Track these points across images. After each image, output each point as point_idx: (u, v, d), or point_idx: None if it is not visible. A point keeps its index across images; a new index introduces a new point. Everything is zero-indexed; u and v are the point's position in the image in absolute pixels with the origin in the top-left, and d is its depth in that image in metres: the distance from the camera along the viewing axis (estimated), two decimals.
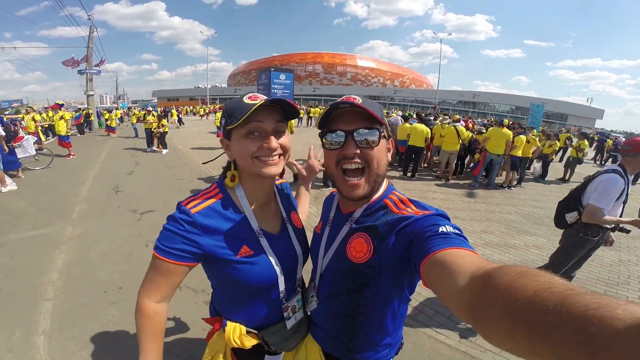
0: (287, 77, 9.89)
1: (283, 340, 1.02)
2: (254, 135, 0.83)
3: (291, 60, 73.46)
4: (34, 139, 7.68)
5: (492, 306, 0.41)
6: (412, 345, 2.32)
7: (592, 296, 0.32)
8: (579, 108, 47.11)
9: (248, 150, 0.83)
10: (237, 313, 0.99)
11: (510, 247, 4.25)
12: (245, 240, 0.90)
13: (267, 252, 0.92)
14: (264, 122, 0.83)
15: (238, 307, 0.99)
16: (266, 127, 0.83)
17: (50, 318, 2.42)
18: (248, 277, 0.90)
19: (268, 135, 0.83)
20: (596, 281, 3.48)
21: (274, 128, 0.85)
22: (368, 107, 0.79)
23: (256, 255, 0.91)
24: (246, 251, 0.89)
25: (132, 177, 7.03)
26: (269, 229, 0.97)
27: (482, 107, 53.64)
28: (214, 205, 0.88)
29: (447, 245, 0.63)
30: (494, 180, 7.61)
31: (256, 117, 0.82)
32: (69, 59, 19.79)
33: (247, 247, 0.89)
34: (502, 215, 5.54)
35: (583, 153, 9.07)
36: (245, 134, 0.83)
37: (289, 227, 1.02)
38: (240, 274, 0.89)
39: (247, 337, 0.98)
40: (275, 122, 0.85)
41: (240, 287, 0.93)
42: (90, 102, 20.33)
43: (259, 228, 0.93)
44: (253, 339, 0.98)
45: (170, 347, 2.18)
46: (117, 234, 3.98)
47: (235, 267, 0.88)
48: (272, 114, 0.85)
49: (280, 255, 0.95)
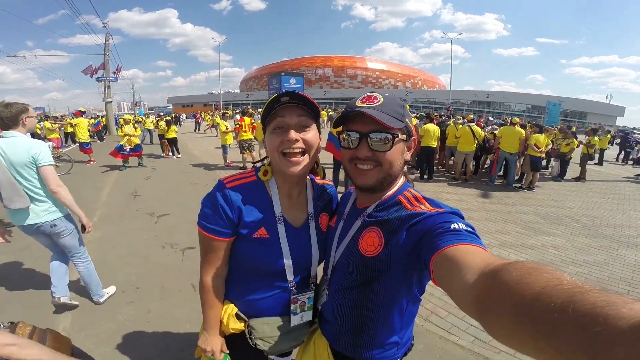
0: (297, 81, 10.02)
1: (269, 336, 1.03)
2: (280, 130, 0.90)
3: (301, 64, 73.84)
4: (53, 145, 8.06)
5: (499, 302, 0.41)
6: (424, 346, 2.29)
7: (600, 294, 0.31)
8: (598, 106, 45.79)
9: (274, 144, 0.90)
10: (239, 294, 1.05)
11: (527, 247, 4.15)
12: (265, 223, 0.96)
13: (281, 239, 0.97)
14: (286, 117, 0.89)
15: (246, 284, 1.03)
16: (288, 121, 0.89)
17: (70, 317, 2.52)
18: (256, 257, 0.96)
19: (290, 128, 0.89)
20: (619, 281, 3.36)
21: (296, 122, 0.89)
22: (383, 112, 0.79)
23: (271, 239, 0.96)
24: (263, 233, 0.95)
25: (149, 182, 7.23)
26: (292, 220, 1.00)
27: (496, 107, 52.61)
28: (246, 185, 0.97)
29: (458, 241, 0.62)
30: (512, 180, 7.44)
31: (279, 113, 0.89)
32: (87, 67, 20.42)
33: (265, 229, 0.96)
34: (519, 216, 5.41)
35: (594, 149, 8.83)
36: (272, 129, 0.91)
37: (311, 224, 1.03)
38: (251, 254, 0.96)
39: (234, 319, 1.03)
40: (297, 117, 0.89)
41: (249, 267, 0.99)
42: (108, 109, 20.96)
43: (281, 215, 0.97)
44: (240, 322, 1.03)
45: (184, 345, 2.23)
46: (135, 237, 4.10)
47: (248, 245, 0.96)
48: (295, 110, 0.90)
49: (293, 247, 0.98)
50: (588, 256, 3.95)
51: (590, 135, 9.21)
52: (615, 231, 4.89)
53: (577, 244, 4.31)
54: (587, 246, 4.26)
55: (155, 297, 2.80)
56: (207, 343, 1.04)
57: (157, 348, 2.21)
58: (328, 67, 71.77)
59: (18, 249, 3.64)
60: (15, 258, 3.45)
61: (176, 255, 3.61)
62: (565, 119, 40.32)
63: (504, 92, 58.08)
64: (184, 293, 2.78)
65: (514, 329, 0.37)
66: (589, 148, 8.83)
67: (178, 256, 3.57)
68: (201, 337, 1.06)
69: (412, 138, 0.89)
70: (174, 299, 2.74)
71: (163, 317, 2.52)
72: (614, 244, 4.37)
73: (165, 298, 2.77)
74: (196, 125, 22.69)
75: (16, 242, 3.83)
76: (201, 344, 1.05)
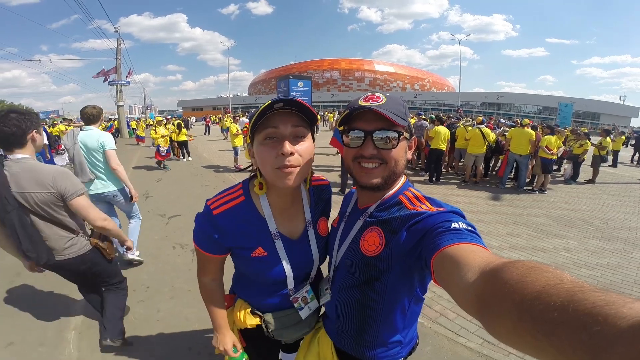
0: (305, 85, 10.04)
1: (283, 327, 1.06)
2: (272, 140, 0.82)
3: (308, 67, 74.18)
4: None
5: (499, 301, 0.41)
6: (432, 347, 2.27)
7: (600, 293, 0.31)
8: (611, 106, 44.83)
9: (266, 158, 0.82)
10: (249, 294, 1.08)
11: (538, 250, 4.08)
12: (261, 242, 0.94)
13: (280, 255, 0.96)
14: (279, 128, 0.81)
15: (250, 289, 1.08)
16: (282, 132, 0.81)
17: (82, 315, 2.57)
18: (259, 274, 0.99)
19: (284, 140, 0.80)
20: (633, 284, 3.28)
21: (291, 132, 0.82)
22: (387, 110, 0.79)
23: (269, 256, 0.96)
24: (260, 252, 0.95)
25: (161, 184, 7.35)
26: (288, 233, 0.99)
27: (507, 108, 51.92)
28: (235, 207, 0.93)
29: (458, 240, 0.62)
30: (524, 182, 7.32)
31: (271, 122, 0.81)
32: (100, 71, 20.84)
33: (262, 248, 0.95)
34: (530, 218, 5.32)
35: (606, 151, 8.62)
36: (262, 139, 0.83)
37: (310, 233, 1.01)
38: (252, 270, 0.99)
39: (250, 315, 1.06)
40: (292, 127, 0.82)
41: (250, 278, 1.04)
42: (120, 113, 21.40)
43: (276, 231, 0.95)
44: (255, 318, 1.06)
45: (192, 344, 2.26)
46: (146, 237, 4.16)
47: (248, 265, 0.97)
48: (289, 118, 0.82)
49: (294, 259, 0.99)
50: (601, 259, 3.86)
51: (603, 137, 9.02)
52: (629, 234, 4.77)
53: (590, 247, 4.22)
54: (600, 249, 4.17)
55: (165, 296, 2.84)
56: (218, 342, 1.08)
57: (166, 347, 2.25)
58: (335, 70, 71.96)
59: None
60: None
61: (186, 255, 3.66)
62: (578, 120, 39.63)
63: (515, 93, 57.36)
64: (194, 293, 2.80)
65: (515, 328, 0.37)
66: (601, 150, 8.62)
67: (188, 256, 3.61)
68: (213, 338, 1.10)
69: (413, 137, 0.90)
70: (184, 298, 2.78)
71: (172, 316, 2.56)
72: (628, 247, 4.26)
73: (175, 297, 2.81)
74: (206, 129, 22.01)
75: None
76: (214, 344, 1.10)
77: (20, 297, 2.81)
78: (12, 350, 2.19)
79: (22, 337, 2.31)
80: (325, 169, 8.62)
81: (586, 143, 8.21)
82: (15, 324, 2.44)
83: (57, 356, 2.16)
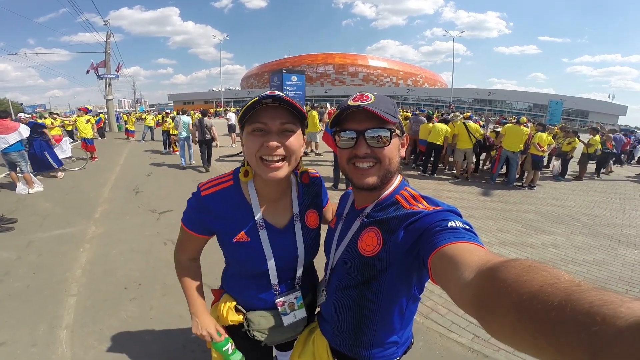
0: (298, 79, 9.94)
1: (264, 328, 1.04)
2: (259, 132, 0.84)
3: (302, 61, 73.72)
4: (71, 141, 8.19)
5: (497, 300, 0.41)
6: (424, 343, 2.31)
7: (597, 292, 0.31)
8: (600, 104, 45.80)
9: (251, 148, 0.85)
10: (235, 288, 1.08)
11: (527, 246, 4.16)
12: (244, 228, 0.96)
13: (263, 243, 0.96)
14: (267, 123, 0.83)
15: (235, 282, 1.08)
16: (270, 127, 0.83)
17: (73, 313, 2.54)
18: (239, 259, 0.99)
19: (271, 134, 0.83)
20: (618, 281, 3.37)
21: (279, 128, 0.84)
22: (377, 108, 0.79)
23: (251, 242, 0.96)
24: (243, 237, 0.96)
25: (151, 179, 7.25)
26: (275, 222, 0.99)
27: (498, 105, 52.57)
28: (223, 190, 0.97)
29: (455, 239, 0.62)
30: (513, 178, 7.45)
31: (260, 117, 0.83)
32: (90, 66, 20.42)
33: (245, 234, 0.96)
34: (520, 214, 5.42)
35: (594, 150, 8.79)
36: (250, 131, 0.85)
37: (296, 224, 1.02)
38: (233, 255, 1.00)
39: (233, 311, 1.05)
40: (280, 122, 0.84)
41: (235, 267, 1.04)
42: (109, 107, 20.95)
43: (261, 219, 0.96)
44: (239, 315, 1.05)
45: (186, 342, 2.25)
46: (137, 233, 4.12)
47: (231, 250, 0.99)
48: (277, 114, 0.83)
49: (277, 249, 0.98)
50: (588, 255, 3.96)
51: (592, 135, 9.17)
52: (615, 230, 4.90)
53: (577, 243, 4.32)
54: (587, 245, 4.27)
55: (157, 293, 2.82)
56: (198, 327, 1.04)
57: (159, 344, 2.24)
58: (329, 64, 71.72)
59: (24, 245, 3.68)
60: (19, 254, 3.48)
61: None
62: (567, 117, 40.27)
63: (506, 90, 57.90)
64: None
65: (513, 327, 0.37)
66: (589, 148, 8.79)
67: None
68: (192, 324, 1.05)
69: (405, 134, 0.90)
70: (176, 295, 2.75)
71: (165, 313, 2.55)
72: (613, 243, 4.38)
73: (167, 294, 2.79)
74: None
75: (19, 238, 3.89)
76: (195, 331, 1.05)
77: (9, 296, 2.75)
78: (3, 351, 2.15)
79: (13, 337, 2.27)
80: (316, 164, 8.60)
81: (574, 140, 8.36)
82: (5, 324, 2.40)
83: (50, 356, 2.13)
